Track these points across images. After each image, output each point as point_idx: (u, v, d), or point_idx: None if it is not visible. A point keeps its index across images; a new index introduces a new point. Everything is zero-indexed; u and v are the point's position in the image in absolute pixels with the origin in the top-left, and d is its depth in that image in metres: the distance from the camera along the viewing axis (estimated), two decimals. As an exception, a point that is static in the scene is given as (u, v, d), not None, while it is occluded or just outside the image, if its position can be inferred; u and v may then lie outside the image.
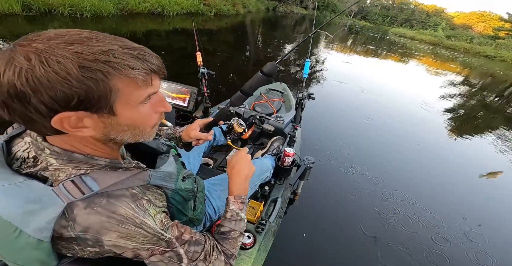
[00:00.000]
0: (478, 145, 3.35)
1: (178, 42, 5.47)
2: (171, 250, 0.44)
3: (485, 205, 2.15)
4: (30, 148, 0.38)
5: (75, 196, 0.35)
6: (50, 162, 0.37)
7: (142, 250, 0.41)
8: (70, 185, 0.35)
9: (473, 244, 1.66)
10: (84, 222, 0.35)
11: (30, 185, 0.35)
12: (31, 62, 0.28)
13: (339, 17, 35.67)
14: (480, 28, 32.77)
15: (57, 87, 0.29)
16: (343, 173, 2.13)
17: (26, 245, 0.34)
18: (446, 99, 5.23)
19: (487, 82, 8.53)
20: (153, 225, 0.40)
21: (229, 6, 11.92)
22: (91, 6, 5.74)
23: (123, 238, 0.38)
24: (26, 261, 0.37)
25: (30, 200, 0.34)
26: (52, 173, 0.37)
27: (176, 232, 0.45)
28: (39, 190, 0.35)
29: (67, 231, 0.36)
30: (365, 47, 11.53)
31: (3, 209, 0.34)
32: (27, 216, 0.33)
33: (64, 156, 0.37)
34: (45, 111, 0.31)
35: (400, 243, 1.55)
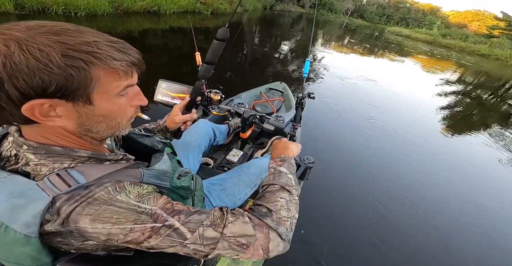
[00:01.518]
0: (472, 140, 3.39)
1: (174, 41, 5.43)
2: (163, 225, 0.36)
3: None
4: (12, 146, 0.37)
5: (61, 189, 0.34)
6: (29, 158, 0.36)
7: (128, 234, 0.35)
8: (55, 178, 0.34)
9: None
10: (63, 212, 0.33)
11: (13, 179, 0.34)
12: (10, 49, 0.28)
13: (336, 15, 35.76)
14: (475, 27, 33.10)
15: (35, 73, 0.29)
16: (343, 172, 2.14)
17: (14, 241, 0.33)
18: (442, 97, 5.28)
19: (482, 81, 8.63)
20: (124, 199, 0.35)
21: (225, 5, 11.85)
22: (86, 4, 5.65)
23: (96, 221, 0.34)
24: (18, 258, 0.35)
25: (15, 195, 0.33)
26: (33, 167, 0.36)
27: (161, 202, 0.38)
28: (23, 184, 0.34)
29: (49, 226, 0.34)
30: (361, 46, 11.58)
31: None
32: (13, 211, 0.32)
33: (41, 149, 0.36)
34: (17, 97, 0.30)
35: (400, 243, 1.57)
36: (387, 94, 4.73)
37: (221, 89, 1.12)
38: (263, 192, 0.50)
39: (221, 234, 0.38)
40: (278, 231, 0.41)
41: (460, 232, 1.77)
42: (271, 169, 0.56)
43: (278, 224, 0.42)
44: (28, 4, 4.88)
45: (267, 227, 0.41)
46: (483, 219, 1.95)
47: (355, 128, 3.00)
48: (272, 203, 0.45)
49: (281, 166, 0.55)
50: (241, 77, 4.10)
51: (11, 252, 0.35)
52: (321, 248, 1.41)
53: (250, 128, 1.38)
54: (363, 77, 5.52)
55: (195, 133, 1.10)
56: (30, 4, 4.90)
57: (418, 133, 3.31)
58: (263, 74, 4.52)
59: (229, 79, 3.86)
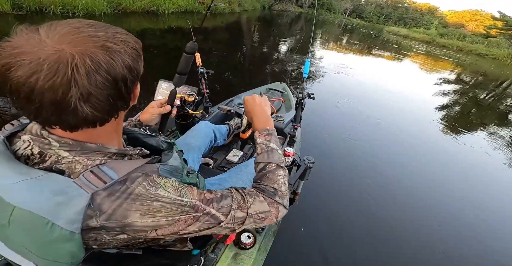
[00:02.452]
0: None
1: (173, 41, 5.41)
2: (203, 214, 0.43)
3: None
4: (32, 145, 0.37)
5: (98, 185, 0.35)
6: (62, 155, 0.37)
7: (174, 224, 0.40)
8: (90, 175, 0.36)
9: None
10: (108, 209, 0.36)
11: (50, 177, 0.35)
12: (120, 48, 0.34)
13: (335, 15, 35.82)
14: (472, 27, 33.25)
15: (137, 65, 0.36)
16: (344, 172, 2.14)
17: (59, 238, 0.34)
18: (440, 96, 5.31)
19: (479, 80, 8.69)
20: (167, 194, 0.40)
21: (224, 5, 11.83)
22: (84, 4, 5.62)
23: (146, 215, 0.38)
24: (58, 255, 0.36)
25: (56, 192, 0.34)
26: (68, 165, 0.37)
27: (196, 194, 0.44)
28: (61, 182, 0.35)
29: (93, 221, 0.36)
30: (360, 45, 11.60)
31: (31, 203, 0.33)
32: (58, 208, 0.33)
33: (76, 147, 0.37)
34: (132, 86, 0.36)
35: (399, 241, 1.58)
36: (386, 94, 4.75)
37: (220, 89, 1.12)
38: (263, 171, 0.55)
39: (247, 213, 0.46)
40: (284, 204, 0.52)
41: (459, 231, 1.79)
42: (262, 144, 0.58)
43: (282, 199, 0.52)
44: (26, 4, 4.86)
45: (276, 203, 0.51)
46: (484, 219, 1.97)
47: (354, 129, 3.01)
48: (275, 183, 0.53)
49: (270, 141, 0.59)
50: (241, 77, 4.10)
51: (52, 249, 0.35)
52: (321, 247, 1.42)
53: (250, 128, 1.38)
54: (363, 77, 5.54)
55: (195, 134, 1.11)
56: (27, 4, 4.87)
57: (417, 132, 3.33)
58: (262, 74, 4.52)
59: (229, 79, 3.86)
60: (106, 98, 0.33)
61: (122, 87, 0.34)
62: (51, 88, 0.29)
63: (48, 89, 0.29)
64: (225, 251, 0.80)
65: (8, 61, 0.29)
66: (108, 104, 0.34)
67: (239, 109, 1.36)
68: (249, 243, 0.84)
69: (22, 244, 0.35)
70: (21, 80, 0.29)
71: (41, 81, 0.29)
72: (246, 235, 0.85)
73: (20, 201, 0.33)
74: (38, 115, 0.32)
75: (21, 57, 0.29)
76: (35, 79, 0.29)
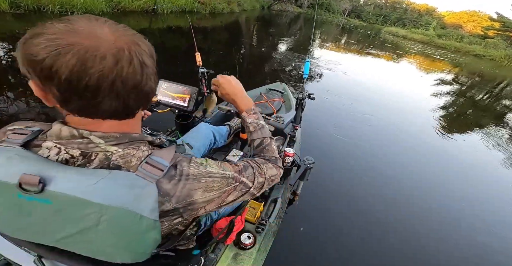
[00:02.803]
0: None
1: (172, 41, 5.39)
2: (239, 183, 0.49)
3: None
4: (65, 149, 0.37)
5: (157, 174, 0.38)
6: (110, 150, 0.38)
7: (221, 195, 0.46)
8: (147, 166, 0.38)
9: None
10: (176, 192, 0.39)
11: (117, 174, 0.36)
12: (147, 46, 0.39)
13: (333, 15, 35.84)
14: (470, 28, 33.43)
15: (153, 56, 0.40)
16: (344, 172, 2.14)
17: (147, 228, 0.36)
18: (438, 97, 5.34)
19: (477, 81, 8.74)
20: (215, 170, 0.45)
21: (223, 4, 11.80)
22: (82, 3, 5.58)
23: (206, 191, 0.43)
24: (146, 245, 0.38)
25: (131, 186, 0.35)
26: (123, 160, 0.38)
27: (230, 167, 0.50)
28: (128, 177, 0.36)
29: (167, 206, 0.39)
30: (359, 46, 11.63)
31: (118, 199, 0.34)
32: (138, 201, 0.35)
33: (124, 138, 0.39)
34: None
35: (400, 242, 1.58)
36: (386, 94, 4.76)
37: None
38: (261, 146, 0.62)
39: (265, 178, 0.55)
40: (281, 166, 0.62)
41: (458, 232, 1.80)
42: (253, 123, 0.63)
43: (280, 163, 0.62)
44: (24, 3, 4.81)
45: (278, 167, 0.60)
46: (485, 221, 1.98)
47: (354, 129, 3.02)
48: (274, 153, 0.62)
49: (258, 118, 0.65)
50: (240, 77, 4.09)
51: (142, 240, 0.37)
52: (321, 247, 1.42)
53: None
54: (362, 77, 5.56)
55: (195, 136, 1.11)
56: (25, 3, 4.83)
57: (417, 133, 3.34)
58: (261, 74, 4.52)
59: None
60: (155, 81, 0.39)
61: (156, 70, 0.39)
62: (133, 73, 0.34)
63: (131, 74, 0.33)
64: (225, 251, 0.80)
65: (82, 56, 0.30)
66: (155, 88, 0.39)
67: (239, 109, 1.36)
68: (249, 243, 0.84)
69: (111, 243, 0.36)
70: (104, 72, 0.31)
71: (125, 68, 0.33)
72: (246, 235, 0.86)
73: (107, 199, 0.34)
74: (117, 104, 0.35)
75: (91, 53, 0.31)
76: (120, 67, 0.32)
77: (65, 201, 0.34)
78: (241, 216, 0.85)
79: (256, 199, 1.06)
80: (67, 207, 0.34)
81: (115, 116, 0.38)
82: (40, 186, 0.33)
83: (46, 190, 0.33)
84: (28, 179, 0.33)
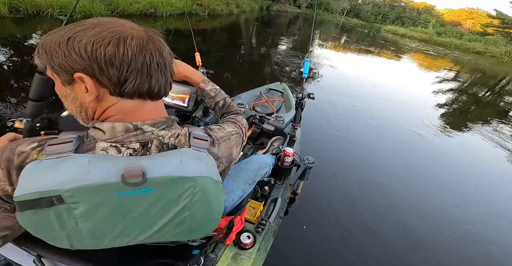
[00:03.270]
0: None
1: (171, 43, 5.37)
2: (239, 134, 0.58)
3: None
4: (123, 145, 0.39)
5: (205, 145, 0.45)
6: (161, 135, 0.42)
7: (239, 148, 0.57)
8: (196, 140, 0.45)
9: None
10: (222, 154, 0.49)
11: (185, 151, 0.42)
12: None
13: (332, 15, 35.90)
14: (469, 25, 33.34)
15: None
16: (344, 172, 2.13)
17: (220, 191, 0.43)
18: (439, 94, 5.32)
19: (478, 78, 8.71)
20: (232, 129, 0.56)
21: (222, 6, 11.83)
22: (81, 7, 5.61)
23: (237, 146, 0.55)
24: (221, 208, 0.44)
25: (199, 158, 0.41)
26: (177, 140, 0.44)
27: (232, 124, 0.59)
28: (191, 152, 0.42)
29: (221, 168, 0.49)
30: (358, 45, 11.63)
31: (199, 171, 0.40)
32: (210, 168, 0.42)
33: (168, 121, 0.44)
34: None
35: (402, 241, 1.57)
36: (386, 92, 4.75)
37: (226, 88, 1.12)
38: (226, 104, 0.72)
39: (244, 127, 0.64)
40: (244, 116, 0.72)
41: (462, 231, 1.77)
42: (213, 89, 0.73)
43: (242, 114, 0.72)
44: (23, 7, 4.85)
45: (244, 117, 0.69)
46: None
47: (355, 128, 3.00)
48: (235, 106, 0.73)
49: (213, 85, 0.74)
50: (240, 77, 4.09)
51: (220, 203, 0.43)
52: (321, 247, 1.41)
53: (250, 128, 1.38)
54: (362, 76, 5.54)
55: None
56: (25, 7, 4.86)
57: (419, 131, 3.31)
58: (261, 74, 4.51)
59: (227, 79, 3.85)
60: (172, 68, 0.43)
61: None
62: (166, 53, 0.40)
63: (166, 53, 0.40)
64: (225, 251, 0.80)
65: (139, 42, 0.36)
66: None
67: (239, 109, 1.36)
68: (249, 243, 0.84)
69: (204, 214, 0.42)
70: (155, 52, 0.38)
71: (161, 47, 0.39)
72: (246, 235, 0.85)
73: (196, 171, 0.39)
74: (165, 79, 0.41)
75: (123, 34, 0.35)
76: (159, 46, 0.39)
77: (165, 184, 0.37)
78: (241, 215, 0.83)
79: (256, 199, 1.06)
80: (167, 189, 0.37)
81: (157, 96, 0.42)
82: (144, 176, 0.35)
83: (148, 178, 0.35)
84: (132, 171, 0.34)
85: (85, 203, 0.33)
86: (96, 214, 0.34)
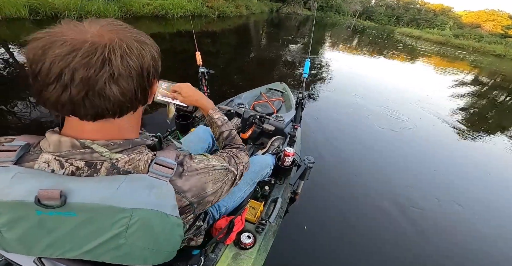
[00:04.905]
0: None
1: (181, 44, 5.50)
2: (230, 172, 0.53)
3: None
4: (67, 161, 0.36)
5: (169, 173, 0.39)
6: (115, 158, 0.38)
7: (223, 186, 0.50)
8: (158, 167, 0.39)
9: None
10: (189, 187, 0.42)
11: (133, 177, 0.37)
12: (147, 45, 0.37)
13: (344, 17, 35.63)
14: (489, 27, 32.01)
15: (159, 61, 0.39)
16: (344, 172, 2.10)
17: (173, 226, 0.38)
18: (456, 98, 5.09)
19: (498, 82, 8.29)
20: (217, 163, 0.49)
21: (231, 8, 11.98)
22: (96, 9, 5.85)
23: (215, 183, 0.47)
24: (174, 242, 0.41)
25: (149, 187, 0.36)
26: (133, 166, 0.39)
27: (222, 158, 0.54)
28: (143, 179, 0.37)
29: (184, 202, 0.41)
30: (370, 47, 11.41)
31: (143, 202, 0.35)
32: (160, 200, 0.36)
33: (128, 144, 0.39)
34: (152, 80, 0.39)
35: (402, 241, 1.53)
36: (394, 93, 4.60)
37: (227, 90, 1.11)
38: (231, 136, 0.70)
39: (243, 166, 0.60)
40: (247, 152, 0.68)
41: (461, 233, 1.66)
42: (220, 118, 0.72)
43: (246, 149, 0.69)
44: (42, 10, 5.10)
45: (247, 154, 0.66)
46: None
47: (357, 128, 2.94)
48: (240, 141, 0.70)
49: (222, 115, 0.74)
50: (247, 78, 4.09)
51: (170, 238, 0.39)
52: (321, 247, 1.40)
53: (250, 128, 1.36)
54: (369, 77, 5.41)
55: (193, 139, 1.11)
56: (43, 9, 5.12)
57: (421, 132, 3.20)
58: (269, 75, 4.50)
59: (236, 80, 3.86)
60: (132, 84, 0.35)
61: (146, 77, 0.36)
62: (86, 65, 0.31)
63: (83, 66, 0.30)
64: (225, 251, 0.81)
65: (48, 42, 0.31)
66: (133, 91, 0.35)
67: (239, 109, 1.34)
68: (249, 243, 0.84)
69: (143, 246, 0.37)
70: (58, 57, 0.30)
71: (78, 58, 0.30)
72: (246, 235, 0.86)
73: (133, 202, 0.34)
74: (60, 97, 0.32)
75: (62, 39, 0.31)
76: (73, 56, 0.30)
77: (91, 211, 0.34)
78: (241, 215, 0.85)
79: (256, 198, 1.06)
80: (94, 216, 0.34)
81: (75, 115, 0.35)
82: (62, 199, 0.32)
83: (68, 202, 0.33)
84: (47, 194, 0.32)
85: (5, 215, 0.33)
86: (18, 227, 0.34)
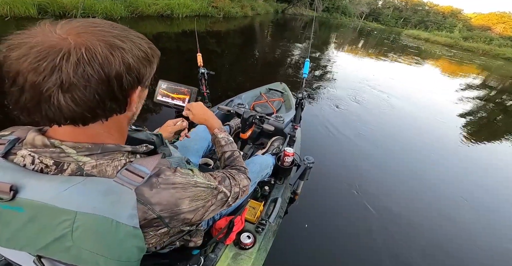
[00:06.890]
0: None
1: (186, 44, 5.53)
2: (220, 192, 0.50)
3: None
4: (39, 158, 0.37)
5: (137, 181, 0.37)
6: (83, 161, 0.37)
7: (207, 205, 0.46)
8: (127, 173, 0.37)
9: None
10: (159, 201, 0.38)
11: (92, 180, 0.35)
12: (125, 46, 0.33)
13: (350, 19, 35.45)
14: (500, 29, 31.36)
15: (141, 68, 0.35)
16: (344, 172, 2.09)
17: (126, 235, 0.35)
18: (463, 102, 4.98)
19: (508, 85, 8.10)
20: (202, 181, 0.46)
21: (237, 9, 12.02)
22: (103, 9, 5.93)
23: (194, 200, 0.43)
24: (129, 254, 0.37)
25: (106, 193, 0.34)
26: (97, 170, 0.37)
27: (212, 177, 0.51)
28: (105, 183, 0.35)
29: (149, 215, 0.37)
30: (376, 49, 11.30)
31: (90, 206, 0.33)
32: (114, 207, 0.34)
33: (97, 149, 0.37)
34: (131, 86, 0.35)
35: (402, 241, 1.52)
36: (400, 94, 4.52)
37: (229, 91, 1.11)
38: (232, 157, 0.69)
39: (240, 188, 0.57)
40: (249, 177, 0.67)
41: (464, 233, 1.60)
42: (225, 138, 0.72)
43: (248, 173, 0.68)
44: (50, 9, 5.19)
45: (248, 178, 0.65)
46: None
47: (357, 128, 2.91)
48: (243, 164, 0.68)
49: (227, 135, 0.74)
50: (251, 78, 4.08)
51: (123, 248, 0.36)
52: (321, 247, 1.40)
53: (250, 128, 1.35)
54: (376, 79, 5.34)
55: (194, 138, 1.11)
56: (52, 8, 5.21)
57: (421, 133, 3.15)
58: (274, 75, 4.48)
59: (239, 80, 3.86)
60: (91, 94, 0.31)
61: (115, 86, 0.32)
62: (34, 70, 0.29)
63: (31, 71, 0.29)
64: (225, 251, 0.80)
65: (13, 43, 0.30)
66: (93, 101, 0.32)
67: (239, 109, 1.33)
68: (249, 243, 0.84)
69: (92, 250, 0.34)
70: (13, 60, 0.29)
71: (27, 63, 0.29)
72: (246, 235, 0.85)
73: (79, 205, 0.33)
74: (18, 101, 0.31)
75: (24, 41, 0.30)
76: (23, 60, 0.29)
77: (37, 209, 0.33)
78: (241, 215, 0.85)
79: (256, 198, 1.04)
80: (40, 214, 0.33)
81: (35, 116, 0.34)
82: (11, 194, 0.32)
83: (17, 197, 0.33)
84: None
85: None
86: None
